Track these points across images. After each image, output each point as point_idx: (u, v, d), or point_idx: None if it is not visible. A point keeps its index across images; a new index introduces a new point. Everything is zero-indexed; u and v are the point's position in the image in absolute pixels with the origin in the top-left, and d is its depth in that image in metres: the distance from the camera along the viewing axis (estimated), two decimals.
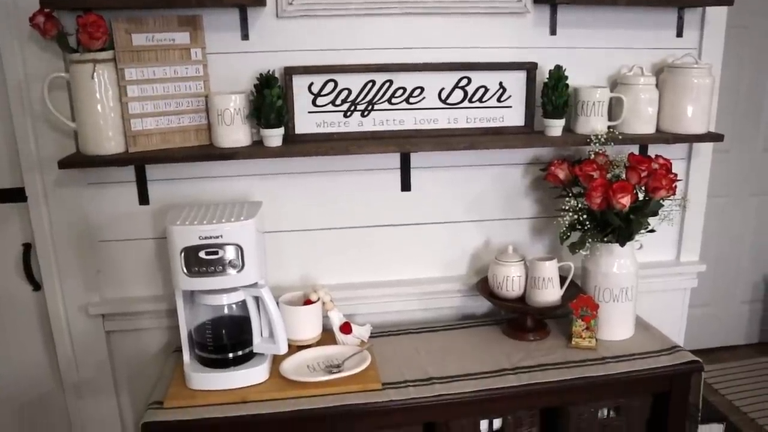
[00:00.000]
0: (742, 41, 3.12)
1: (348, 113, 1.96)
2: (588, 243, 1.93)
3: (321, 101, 1.93)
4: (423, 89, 1.97)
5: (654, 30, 2.08)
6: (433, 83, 1.97)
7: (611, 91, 2.02)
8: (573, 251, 1.95)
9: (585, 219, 1.90)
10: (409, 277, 2.17)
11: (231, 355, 1.75)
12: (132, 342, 2.07)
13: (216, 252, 1.66)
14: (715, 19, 2.11)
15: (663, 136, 2.04)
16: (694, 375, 1.87)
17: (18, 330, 2.05)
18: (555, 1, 1.94)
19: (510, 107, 2.02)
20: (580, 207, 1.93)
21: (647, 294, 2.19)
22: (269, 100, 1.80)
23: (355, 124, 1.96)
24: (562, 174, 2.00)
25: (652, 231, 1.94)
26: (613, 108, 2.04)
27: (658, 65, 2.10)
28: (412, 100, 1.97)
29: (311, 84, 1.91)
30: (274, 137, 1.86)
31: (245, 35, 1.88)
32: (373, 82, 1.94)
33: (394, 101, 1.96)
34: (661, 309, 2.27)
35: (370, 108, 1.96)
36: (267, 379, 1.76)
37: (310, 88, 1.92)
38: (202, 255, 1.65)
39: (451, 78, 1.98)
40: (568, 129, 2.04)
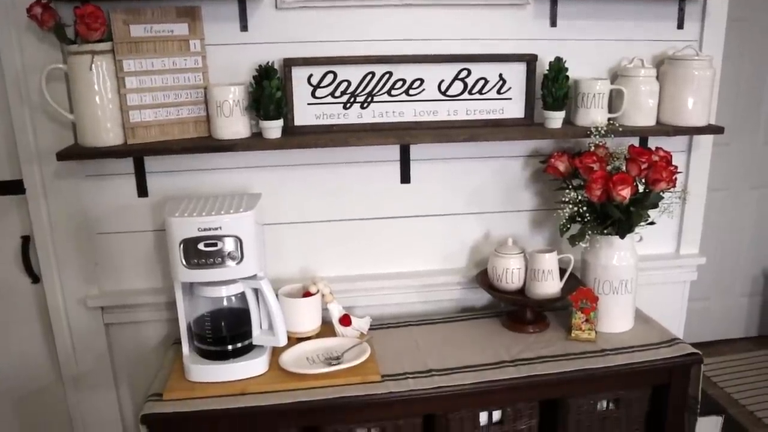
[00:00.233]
0: (742, 34, 3.11)
1: (347, 105, 1.95)
2: (588, 235, 1.93)
3: (320, 93, 1.92)
4: (423, 81, 1.96)
5: (655, 22, 2.07)
6: (433, 75, 1.96)
7: (612, 83, 2.02)
8: (573, 243, 1.94)
9: (585, 211, 1.90)
10: (409, 270, 2.17)
11: (230, 347, 1.75)
12: (131, 334, 2.07)
13: (215, 244, 1.66)
14: (716, 11, 2.10)
15: (663, 128, 2.04)
16: (693, 367, 1.87)
17: (17, 322, 2.05)
18: None
19: (510, 99, 2.02)
20: (580, 199, 1.92)
21: (647, 286, 2.19)
22: (268, 91, 1.79)
23: (355, 115, 1.96)
24: (562, 166, 1.99)
25: (652, 223, 1.94)
26: (614, 100, 2.03)
27: (658, 57, 2.10)
28: (411, 91, 1.97)
29: (310, 75, 1.91)
30: (273, 129, 1.85)
31: (244, 26, 1.87)
32: (373, 73, 1.93)
33: (393, 93, 1.96)
34: (661, 301, 2.27)
35: (369, 100, 1.95)
36: (266, 371, 1.76)
37: (309, 79, 1.91)
38: (201, 247, 1.65)
39: (451, 70, 1.97)
40: (568, 121, 2.04)
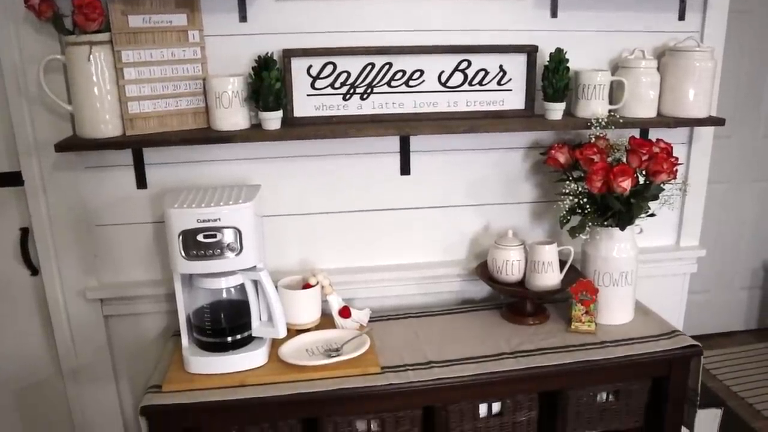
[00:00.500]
0: (744, 26, 3.10)
1: (347, 96, 1.94)
2: (588, 227, 1.92)
3: (320, 84, 1.92)
4: (422, 72, 1.95)
5: (655, 13, 2.06)
6: (433, 66, 1.95)
7: (612, 75, 2.01)
8: (573, 235, 1.94)
9: (585, 203, 1.89)
10: (409, 262, 2.17)
11: (230, 339, 1.75)
12: (130, 326, 2.06)
13: (214, 235, 1.65)
14: (718, 3, 2.09)
15: (664, 119, 2.03)
16: (693, 359, 1.87)
17: (16, 315, 2.04)
18: None
19: (510, 90, 2.01)
20: (580, 191, 1.92)
21: (647, 279, 2.19)
22: (268, 82, 1.78)
23: (354, 107, 1.95)
24: (562, 158, 1.99)
25: (652, 215, 1.94)
26: (614, 91, 2.02)
27: (659, 48, 2.09)
28: (411, 83, 1.96)
29: (310, 66, 1.90)
30: (272, 120, 1.84)
31: (243, 17, 1.86)
32: (373, 64, 1.92)
33: (393, 84, 1.95)
34: (661, 294, 2.27)
35: (369, 91, 1.94)
36: (266, 363, 1.76)
37: (308, 70, 1.90)
38: (200, 238, 1.65)
39: (451, 61, 1.96)
40: (568, 112, 2.03)
